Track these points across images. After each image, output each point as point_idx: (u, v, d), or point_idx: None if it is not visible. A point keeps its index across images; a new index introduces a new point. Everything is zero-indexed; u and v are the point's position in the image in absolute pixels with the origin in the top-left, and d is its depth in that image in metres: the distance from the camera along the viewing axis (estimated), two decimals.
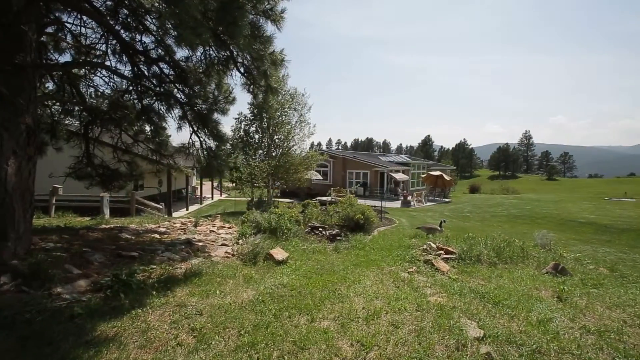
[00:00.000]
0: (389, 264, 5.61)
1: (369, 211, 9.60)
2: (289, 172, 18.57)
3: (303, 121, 19.25)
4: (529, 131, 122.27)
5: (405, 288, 4.34)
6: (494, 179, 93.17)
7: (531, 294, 4.22)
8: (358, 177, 29.15)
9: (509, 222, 15.31)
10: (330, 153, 32.43)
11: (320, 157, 20.81)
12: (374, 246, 7.23)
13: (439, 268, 5.23)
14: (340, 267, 5.46)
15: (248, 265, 5.28)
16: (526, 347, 2.83)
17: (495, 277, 4.99)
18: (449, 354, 2.73)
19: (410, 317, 3.40)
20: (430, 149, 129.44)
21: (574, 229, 13.75)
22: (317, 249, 6.84)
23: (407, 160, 35.43)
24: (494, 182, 75.55)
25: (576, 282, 4.95)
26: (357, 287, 4.33)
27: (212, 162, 7.32)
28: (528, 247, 7.03)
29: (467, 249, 6.12)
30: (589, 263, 6.57)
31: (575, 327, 3.29)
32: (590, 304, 3.94)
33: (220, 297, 3.80)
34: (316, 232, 8.74)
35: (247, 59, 6.50)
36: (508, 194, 40.22)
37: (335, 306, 3.66)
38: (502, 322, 3.32)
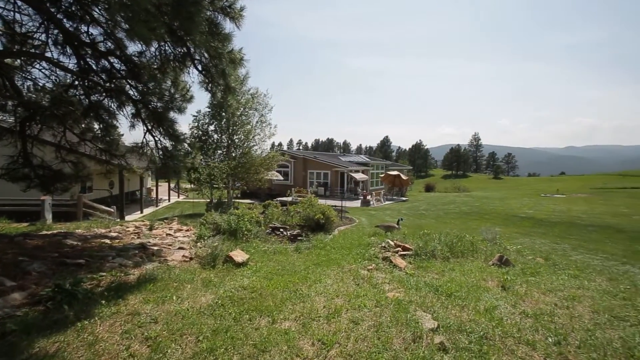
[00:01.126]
0: (349, 263, 5.73)
1: (330, 211, 9.73)
2: (249, 172, 18.25)
3: (264, 121, 19.04)
4: (478, 133, 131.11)
5: (365, 285, 4.47)
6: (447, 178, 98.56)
7: (479, 285, 4.53)
8: (319, 177, 29.38)
9: (460, 219, 16.31)
10: (291, 153, 32.36)
11: (281, 158, 20.70)
12: (335, 245, 7.35)
13: (396, 264, 5.44)
14: (301, 267, 5.48)
15: (207, 268, 5.13)
16: (475, 334, 3.04)
17: (448, 271, 5.29)
18: (406, 346, 2.86)
19: (370, 313, 3.51)
20: (389, 149, 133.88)
21: (516, 223, 14.99)
22: (278, 250, 6.81)
23: (366, 161, 36.35)
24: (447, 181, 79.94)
25: (517, 271, 5.40)
26: (318, 286, 4.38)
27: (168, 163, 6.99)
28: (477, 241, 7.54)
29: (422, 245, 6.44)
30: (528, 254, 7.19)
31: (516, 313, 3.60)
32: (529, 290, 4.33)
33: (177, 303, 3.65)
34: (277, 232, 8.69)
35: (205, 57, 6.31)
36: (460, 192, 42.82)
37: (297, 306, 3.67)
38: (454, 313, 3.54)
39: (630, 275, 6.56)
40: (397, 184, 29.25)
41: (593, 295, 4.28)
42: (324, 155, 35.76)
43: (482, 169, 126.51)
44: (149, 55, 6.27)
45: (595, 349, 2.89)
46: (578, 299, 4.09)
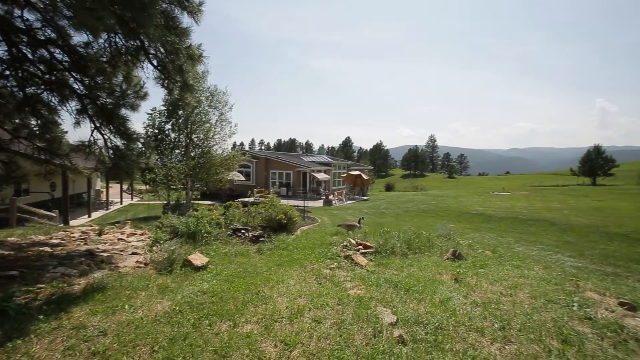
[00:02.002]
0: (311, 262, 5.76)
1: (292, 211, 9.71)
2: (209, 172, 17.65)
3: (224, 120, 18.51)
4: (434, 135, 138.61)
5: (327, 284, 4.53)
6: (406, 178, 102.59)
7: (435, 279, 4.78)
8: (281, 177, 29.18)
9: (418, 216, 17.07)
10: (253, 153, 31.82)
11: (243, 158, 20.27)
12: (297, 245, 7.35)
13: (358, 262, 5.57)
14: (263, 268, 5.42)
15: (163, 274, 4.89)
16: (431, 326, 3.21)
17: (407, 267, 5.52)
18: (367, 341, 2.95)
19: (332, 311, 3.57)
20: (350, 149, 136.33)
21: (468, 219, 16.00)
22: (240, 252, 6.68)
23: (328, 161, 36.73)
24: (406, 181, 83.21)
25: (469, 264, 5.77)
26: (280, 287, 4.36)
27: (119, 163, 6.54)
28: (433, 237, 7.94)
29: (382, 242, 6.65)
30: (478, 248, 7.71)
31: (467, 303, 3.85)
32: (479, 281, 4.65)
33: (129, 312, 3.44)
34: (238, 234, 8.51)
35: (160, 52, 5.99)
36: (417, 191, 44.78)
37: (259, 308, 3.63)
38: (412, 306, 3.70)
39: (561, 262, 7.31)
40: (359, 184, 29.87)
41: (532, 283, 4.70)
42: (286, 156, 35.57)
43: (438, 169, 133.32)
44: (97, 46, 5.83)
45: (533, 330, 3.18)
46: (520, 287, 4.47)
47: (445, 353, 2.76)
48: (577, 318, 3.53)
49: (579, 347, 2.92)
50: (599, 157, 44.18)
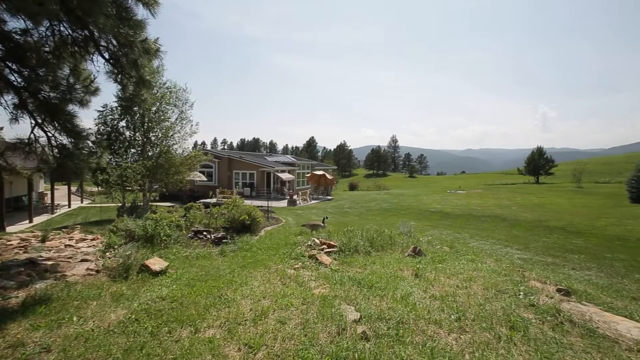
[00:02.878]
0: (276, 263, 5.72)
1: (256, 212, 9.58)
2: (168, 173, 16.84)
3: (184, 118, 17.74)
4: (395, 136, 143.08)
5: (292, 284, 4.52)
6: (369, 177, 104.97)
7: (397, 275, 4.95)
8: (244, 177, 28.62)
9: (381, 215, 17.54)
10: (216, 153, 30.88)
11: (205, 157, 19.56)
12: (261, 246, 7.27)
13: (322, 261, 5.62)
14: (226, 270, 5.29)
15: (118, 281, 4.61)
16: (392, 321, 3.32)
17: (370, 264, 5.66)
18: (332, 339, 2.98)
19: (297, 311, 3.57)
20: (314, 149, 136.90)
21: (427, 217, 16.73)
22: (202, 254, 6.47)
23: (292, 161, 36.61)
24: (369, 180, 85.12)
25: (428, 260, 6.04)
26: (244, 289, 4.29)
27: (66, 163, 6.03)
28: (395, 235, 8.21)
29: (346, 241, 6.76)
30: (436, 244, 8.09)
31: (426, 297, 4.03)
32: (437, 276, 4.88)
33: (78, 325, 3.20)
34: (200, 236, 8.24)
35: (113, 44, 5.62)
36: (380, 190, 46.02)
37: (222, 312, 3.54)
38: (375, 303, 3.80)
39: (510, 255, 7.88)
40: (323, 184, 30.08)
41: (484, 275, 5.02)
42: (249, 155, 34.92)
43: (400, 169, 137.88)
44: (38, 35, 5.34)
45: (485, 319, 3.41)
46: (474, 280, 4.76)
47: (406, 346, 2.87)
48: (522, 305, 3.83)
49: (524, 331, 3.17)
50: (541, 157, 48.19)
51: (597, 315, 3.59)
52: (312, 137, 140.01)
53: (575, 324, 3.40)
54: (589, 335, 3.20)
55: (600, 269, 7.09)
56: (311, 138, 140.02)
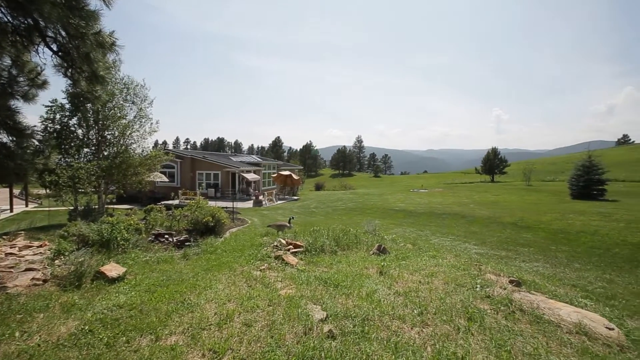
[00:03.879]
0: (241, 265, 5.62)
1: (220, 213, 9.35)
2: (126, 174, 15.91)
3: (143, 116, 16.83)
4: (361, 136, 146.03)
5: (258, 286, 4.47)
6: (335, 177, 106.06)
7: (362, 273, 5.06)
8: (208, 178, 27.78)
9: (347, 214, 17.79)
10: (178, 153, 29.69)
11: (166, 157, 18.70)
12: (226, 248, 7.11)
13: (288, 262, 5.61)
14: (189, 274, 5.12)
15: (69, 290, 4.29)
16: (358, 318, 3.39)
17: (336, 263, 5.73)
18: (298, 339, 2.99)
19: (263, 313, 3.53)
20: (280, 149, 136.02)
21: (391, 215, 17.21)
22: (163, 258, 6.20)
23: (258, 161, 36.09)
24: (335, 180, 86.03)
25: (392, 257, 6.23)
26: (208, 293, 4.17)
27: (7, 163, 5.51)
28: (360, 234, 8.37)
29: (312, 241, 6.79)
30: (400, 242, 8.36)
31: (391, 293, 4.15)
32: (401, 273, 5.05)
33: (21, 340, 2.95)
34: (161, 239, 7.90)
35: (61, 35, 5.21)
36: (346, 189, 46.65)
37: (185, 318, 3.42)
38: (341, 301, 3.86)
39: (468, 250, 8.33)
40: (289, 184, 29.95)
41: (445, 270, 5.27)
42: (214, 155, 33.94)
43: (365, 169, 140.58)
44: None
45: (445, 312, 3.58)
46: (435, 275, 4.98)
47: (371, 342, 2.94)
48: (479, 297, 4.07)
49: (481, 322, 3.37)
50: (496, 158, 51.43)
51: (543, 303, 3.91)
52: (278, 137, 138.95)
53: (525, 312, 3.67)
54: (537, 322, 3.47)
55: (546, 260, 7.69)
56: (277, 138, 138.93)
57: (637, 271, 6.89)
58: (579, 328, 3.33)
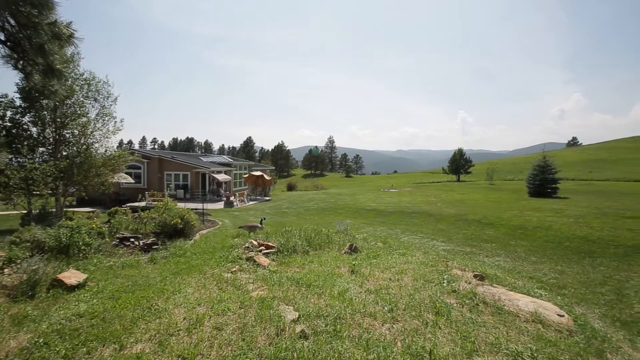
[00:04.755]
0: (211, 267, 5.50)
1: (189, 214, 9.08)
2: (87, 175, 15.02)
3: (107, 114, 15.97)
4: (332, 136, 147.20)
5: (229, 288, 4.39)
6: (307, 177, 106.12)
7: (334, 272, 5.11)
8: (177, 179, 26.86)
9: (319, 214, 17.86)
10: (145, 153, 28.45)
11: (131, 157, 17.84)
12: (196, 251, 6.93)
13: (260, 263, 5.55)
14: (157, 279, 4.93)
15: (21, 301, 3.99)
16: (330, 317, 3.42)
17: (308, 263, 5.75)
18: (270, 341, 2.97)
19: (234, 316, 3.48)
20: (252, 150, 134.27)
21: (363, 215, 17.50)
22: (129, 263, 5.93)
23: (229, 161, 35.36)
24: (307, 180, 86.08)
25: (364, 256, 6.34)
26: (177, 297, 4.04)
27: None
28: (332, 233, 8.44)
29: (284, 242, 6.77)
30: (371, 240, 8.53)
31: (362, 291, 4.23)
32: (372, 271, 5.15)
33: None
34: (127, 243, 7.55)
35: (10, 23, 4.83)
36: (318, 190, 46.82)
37: (152, 324, 3.29)
38: (313, 301, 3.88)
39: (436, 247, 8.65)
40: (261, 184, 29.59)
41: (414, 267, 5.45)
42: (183, 156, 32.84)
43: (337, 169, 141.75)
44: None
45: (414, 308, 3.70)
46: (405, 272, 5.13)
47: (343, 340, 2.98)
48: (446, 292, 4.24)
49: (447, 315, 3.52)
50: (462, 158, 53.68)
51: (504, 295, 4.15)
52: (249, 137, 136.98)
53: (488, 304, 3.88)
54: (498, 313, 3.68)
55: (507, 255, 8.15)
56: (248, 138, 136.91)
57: (583, 262, 7.48)
58: (534, 317, 3.57)
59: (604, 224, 11.45)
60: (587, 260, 7.62)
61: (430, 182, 52.01)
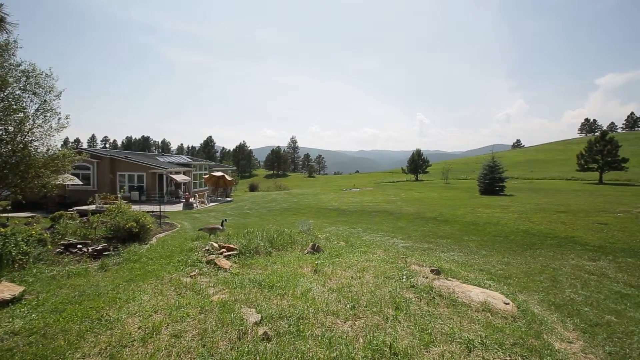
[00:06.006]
0: (169, 272, 5.26)
1: (145, 217, 8.60)
2: (25, 176, 13.62)
3: (48, 110, 14.58)
4: (295, 137, 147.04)
5: (188, 293, 4.23)
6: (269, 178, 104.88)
7: (297, 272, 5.11)
8: (132, 180, 25.29)
9: (281, 215, 17.74)
10: (94, 152, 26.44)
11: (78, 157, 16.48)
12: (152, 255, 6.58)
13: (221, 266, 5.41)
14: (108, 287, 4.61)
15: None
16: (293, 318, 3.42)
17: (271, 264, 5.69)
18: (232, 345, 2.90)
19: (194, 322, 3.36)
20: (212, 150, 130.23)
21: (325, 214, 17.66)
22: (75, 272, 5.49)
23: (188, 161, 33.96)
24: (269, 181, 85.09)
25: (326, 255, 6.40)
26: (131, 305, 3.81)
27: None
28: (295, 234, 8.43)
29: (246, 243, 6.65)
30: (334, 240, 8.64)
31: (325, 290, 4.28)
32: (334, 270, 5.23)
33: None
34: (73, 250, 6.99)
35: None
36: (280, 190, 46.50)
37: (102, 336, 3.08)
38: (276, 302, 3.85)
39: (396, 244, 8.97)
40: (222, 185, 28.79)
41: (375, 265, 5.60)
42: (138, 155, 30.98)
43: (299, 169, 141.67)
44: None
45: (375, 304, 3.81)
46: (366, 269, 5.26)
47: (306, 340, 2.99)
48: (405, 287, 4.42)
49: (406, 310, 3.67)
50: (420, 158, 56.22)
51: (458, 287, 4.40)
52: (209, 137, 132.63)
53: (443, 297, 4.10)
54: (452, 304, 3.90)
55: (461, 250, 8.67)
56: (209, 138, 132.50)
57: (526, 254, 8.16)
58: (484, 306, 3.83)
59: (543, 219, 12.57)
60: (528, 252, 8.32)
61: (390, 182, 53.80)
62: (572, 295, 5.00)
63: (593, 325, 3.90)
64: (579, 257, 7.68)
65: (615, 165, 36.59)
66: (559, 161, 64.09)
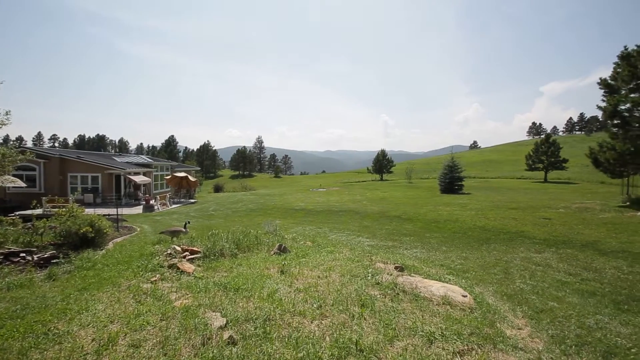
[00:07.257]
0: (128, 279, 4.98)
1: (101, 221, 8.07)
2: None
3: None
4: (261, 137, 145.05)
5: (148, 300, 4.03)
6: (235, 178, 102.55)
7: (263, 274, 5.05)
8: (85, 181, 23.56)
9: (247, 216, 17.43)
10: (41, 152, 24.28)
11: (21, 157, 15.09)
12: (108, 262, 6.20)
13: (184, 270, 5.21)
14: (57, 298, 4.28)
15: None
16: (259, 320, 3.38)
17: (236, 267, 5.58)
18: (196, 352, 2.81)
19: (154, 330, 3.21)
20: (175, 149, 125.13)
21: (292, 214, 17.61)
22: (17, 283, 5.03)
23: (148, 162, 32.29)
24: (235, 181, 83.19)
25: (293, 256, 6.39)
26: (84, 316, 3.56)
27: None
28: (261, 235, 8.32)
29: (211, 245, 6.47)
30: (300, 240, 8.63)
31: (292, 291, 4.27)
32: (301, 270, 5.23)
33: None
34: (14, 259, 6.40)
35: None
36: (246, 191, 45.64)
37: (49, 352, 2.85)
38: (242, 305, 3.78)
39: (361, 243, 9.15)
40: (185, 186, 27.71)
41: (341, 264, 5.68)
42: (92, 155, 28.91)
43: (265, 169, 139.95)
44: None
45: (342, 302, 3.87)
46: (333, 269, 5.32)
47: (273, 342, 2.97)
48: (370, 285, 4.52)
49: (372, 307, 3.76)
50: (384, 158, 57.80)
51: (420, 283, 4.58)
52: (172, 136, 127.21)
53: (407, 293, 4.25)
54: (415, 299, 4.05)
55: (423, 246, 9.03)
56: (171, 137, 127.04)
57: (482, 248, 8.68)
58: (445, 300, 4.03)
59: (497, 215, 13.44)
60: (484, 247, 8.85)
61: (356, 182, 54.77)
62: (521, 285, 5.39)
63: (539, 311, 4.23)
64: (528, 249, 8.30)
65: (557, 165, 40.14)
66: (511, 161, 68.90)
